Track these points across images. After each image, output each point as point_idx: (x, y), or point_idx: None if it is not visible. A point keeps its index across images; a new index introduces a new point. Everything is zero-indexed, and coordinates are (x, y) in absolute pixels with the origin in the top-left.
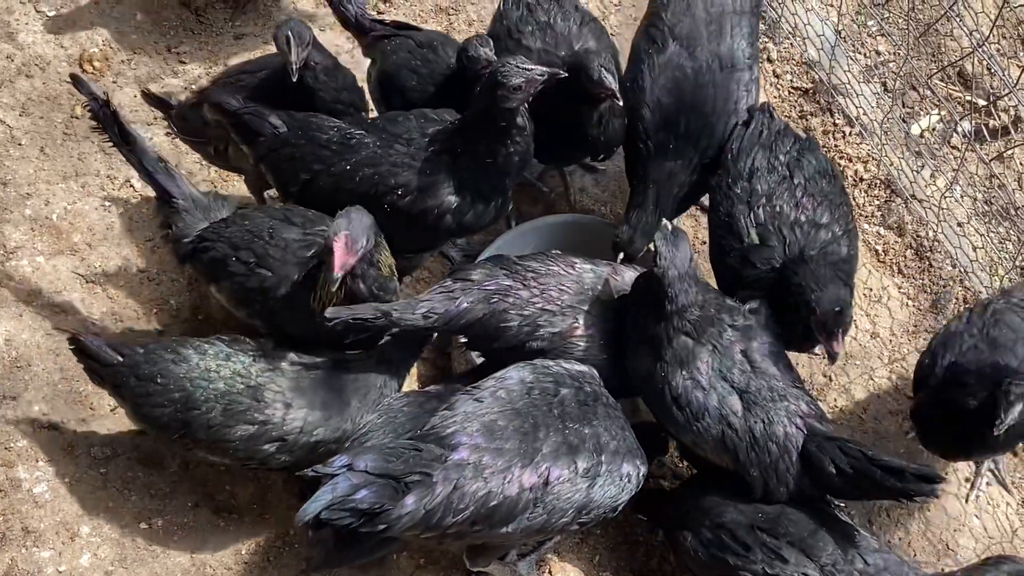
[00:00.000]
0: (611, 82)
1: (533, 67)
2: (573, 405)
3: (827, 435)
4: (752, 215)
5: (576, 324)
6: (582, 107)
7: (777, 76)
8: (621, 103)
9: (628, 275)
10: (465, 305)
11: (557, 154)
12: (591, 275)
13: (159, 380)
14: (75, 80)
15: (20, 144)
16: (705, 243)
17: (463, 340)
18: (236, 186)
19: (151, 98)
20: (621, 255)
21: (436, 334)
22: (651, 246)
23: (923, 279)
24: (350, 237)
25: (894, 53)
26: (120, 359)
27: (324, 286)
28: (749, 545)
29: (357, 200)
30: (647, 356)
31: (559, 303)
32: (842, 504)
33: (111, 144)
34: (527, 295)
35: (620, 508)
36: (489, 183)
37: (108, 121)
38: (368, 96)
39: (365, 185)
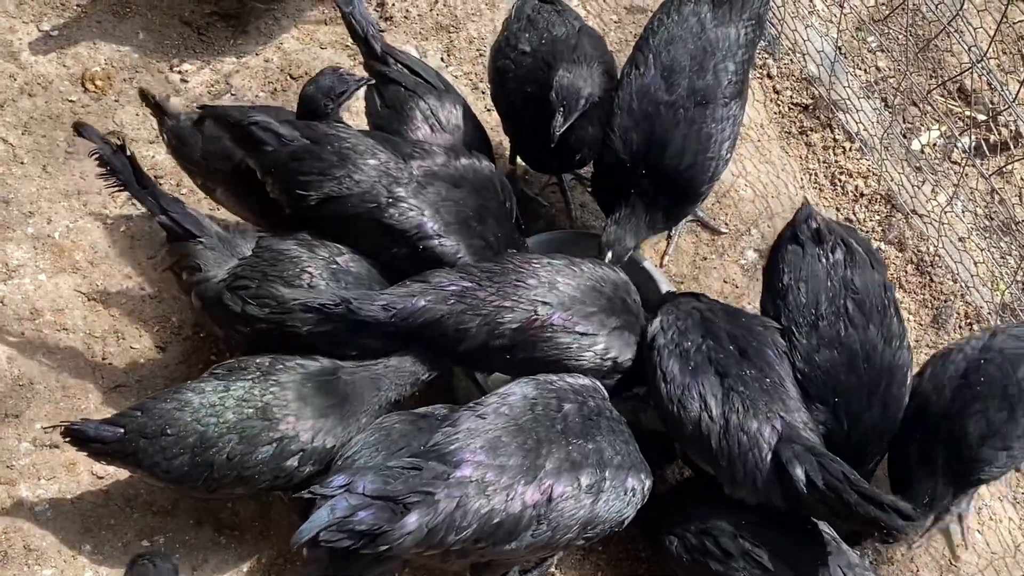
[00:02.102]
0: (559, 115)
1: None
2: (576, 420)
3: (808, 445)
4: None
5: (535, 316)
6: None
7: (777, 92)
8: (557, 131)
9: (587, 267)
10: (423, 303)
11: (540, 160)
12: (547, 268)
13: (169, 432)
14: (79, 127)
15: (22, 163)
16: (705, 259)
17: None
18: None
19: (148, 100)
20: (608, 255)
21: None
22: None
23: (924, 294)
24: None
25: (894, 69)
26: (121, 430)
27: None
28: (731, 552)
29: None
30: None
31: (515, 298)
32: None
33: (121, 189)
34: (484, 295)
35: (626, 522)
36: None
37: (125, 166)
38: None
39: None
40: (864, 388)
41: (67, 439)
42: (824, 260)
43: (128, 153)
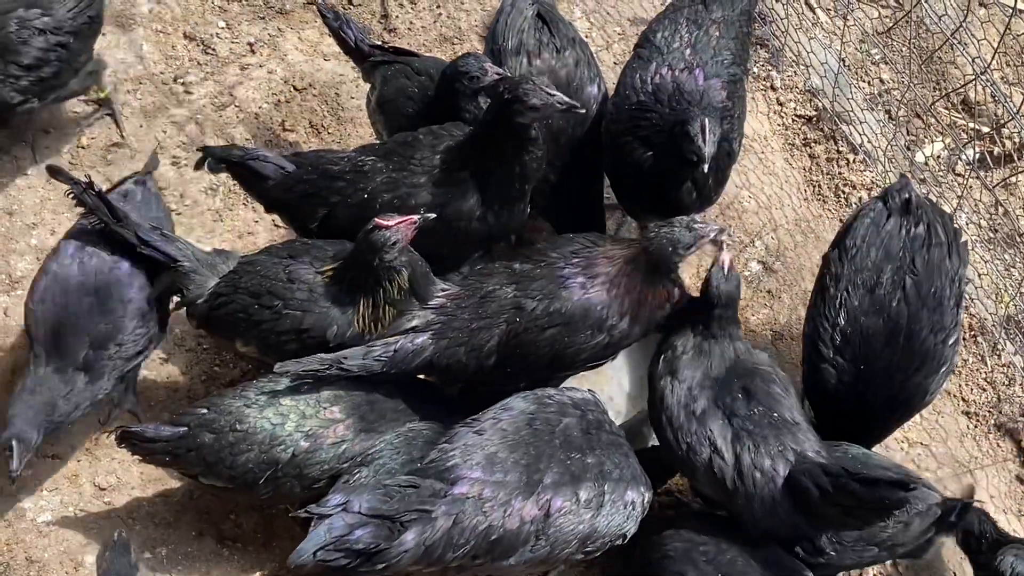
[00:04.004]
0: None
1: (555, 94)
2: (575, 434)
3: (814, 461)
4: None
5: (509, 326)
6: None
7: (781, 104)
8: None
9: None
10: (410, 347)
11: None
12: (505, 277)
13: (238, 427)
14: (53, 171)
15: (26, 174)
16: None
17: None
18: (240, 214)
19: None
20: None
21: None
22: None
23: None
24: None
25: (897, 81)
26: (183, 428)
27: (379, 304)
28: None
29: None
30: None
31: (488, 318)
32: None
33: (101, 224)
34: (459, 324)
35: (628, 536)
36: (512, 189)
37: (96, 202)
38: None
39: (387, 210)
40: (892, 364)
41: (122, 444)
42: (904, 232)
43: (96, 190)
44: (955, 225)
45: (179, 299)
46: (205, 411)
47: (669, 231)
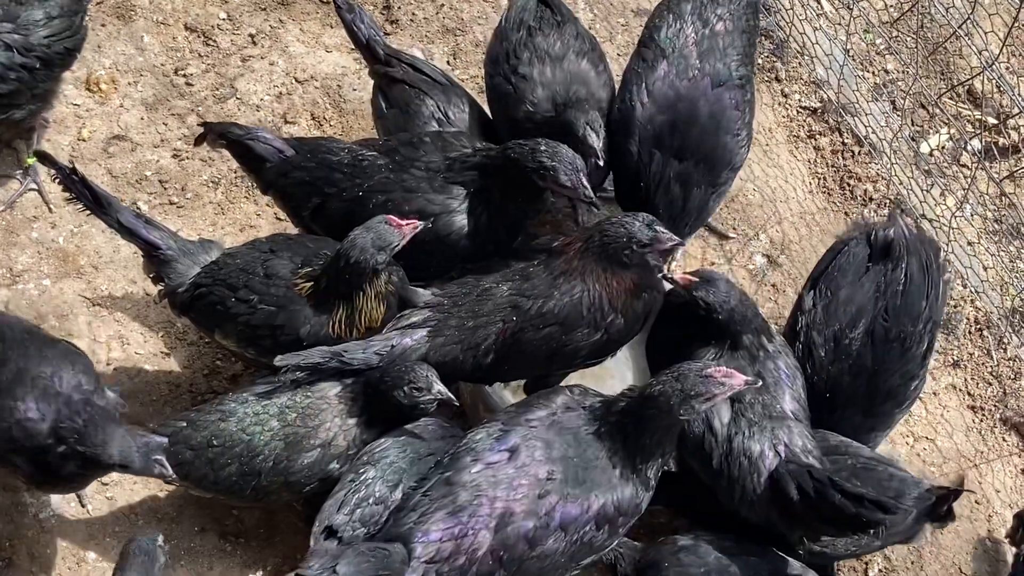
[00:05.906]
0: (595, 141)
1: (586, 185)
2: (540, 473)
3: (802, 463)
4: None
5: (505, 325)
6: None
7: (785, 95)
8: (601, 163)
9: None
10: (408, 343)
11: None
12: (502, 275)
13: (215, 443)
14: (39, 155)
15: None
16: (713, 264)
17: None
18: (242, 207)
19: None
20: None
21: None
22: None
23: None
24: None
25: (903, 71)
26: (165, 440)
27: (362, 307)
28: None
29: None
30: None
31: (484, 316)
32: None
33: (86, 211)
34: (456, 322)
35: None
36: (498, 232)
37: (79, 188)
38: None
39: (379, 211)
40: (857, 396)
41: None
42: (882, 276)
43: (78, 176)
44: (941, 261)
45: (161, 288)
46: (184, 425)
47: (630, 222)
